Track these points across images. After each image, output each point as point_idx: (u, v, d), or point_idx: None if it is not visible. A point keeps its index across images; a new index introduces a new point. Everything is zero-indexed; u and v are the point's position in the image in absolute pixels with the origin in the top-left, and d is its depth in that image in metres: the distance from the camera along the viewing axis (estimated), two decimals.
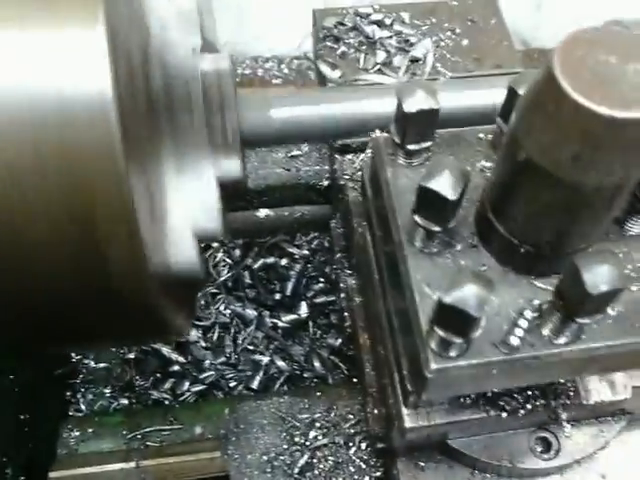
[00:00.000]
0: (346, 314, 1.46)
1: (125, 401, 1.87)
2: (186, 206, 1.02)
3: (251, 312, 1.96)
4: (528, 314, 0.93)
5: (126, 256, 0.83)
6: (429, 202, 0.89)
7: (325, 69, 1.61)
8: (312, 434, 1.48)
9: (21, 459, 1.57)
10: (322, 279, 2.02)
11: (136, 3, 0.96)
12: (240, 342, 1.93)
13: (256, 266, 2.01)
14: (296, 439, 1.48)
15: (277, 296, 2.00)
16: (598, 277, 0.79)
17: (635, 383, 1.16)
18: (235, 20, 2.55)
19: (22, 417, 1.63)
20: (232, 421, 1.54)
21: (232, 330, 1.95)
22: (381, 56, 1.61)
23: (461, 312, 0.81)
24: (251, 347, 1.92)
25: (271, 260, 2.02)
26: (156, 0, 1.02)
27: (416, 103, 0.95)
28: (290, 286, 1.98)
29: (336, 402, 1.55)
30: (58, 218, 0.78)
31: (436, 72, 1.58)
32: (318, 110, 1.22)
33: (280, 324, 1.95)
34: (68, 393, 1.88)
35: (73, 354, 1.87)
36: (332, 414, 1.52)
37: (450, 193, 0.86)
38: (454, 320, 0.83)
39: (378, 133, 1.32)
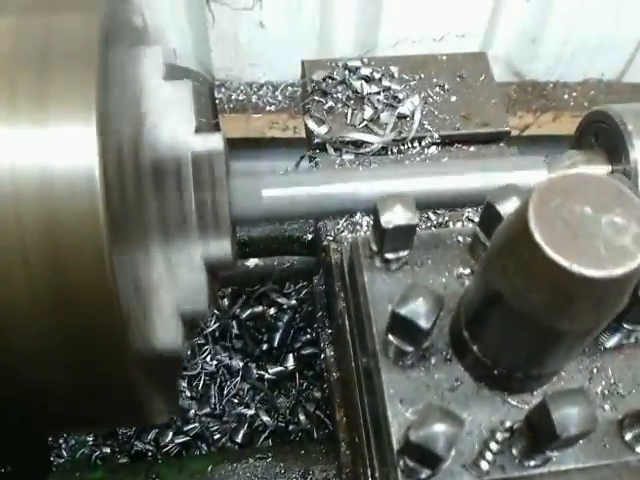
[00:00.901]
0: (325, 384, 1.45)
1: (107, 450, 1.87)
2: (172, 287, 1.01)
3: (237, 363, 1.95)
4: (499, 435, 0.92)
5: (107, 340, 0.81)
6: (402, 326, 0.88)
7: (312, 125, 1.59)
8: None
9: None
10: (310, 330, 2.01)
11: (130, 84, 0.96)
12: (225, 393, 1.92)
13: (244, 316, 2.00)
14: None
15: (264, 347, 1.99)
16: (568, 420, 0.79)
17: None
18: (231, 46, 2.54)
19: (3, 470, 1.62)
20: None
21: (218, 380, 1.94)
22: (368, 112, 1.59)
23: (429, 451, 0.80)
24: (236, 399, 1.92)
25: (259, 309, 2.01)
26: (151, 80, 1.02)
27: (394, 218, 0.95)
28: (277, 338, 1.98)
29: (312, 467, 1.53)
30: (40, 299, 0.77)
31: (423, 130, 1.57)
32: (309, 191, 1.21)
33: (266, 376, 1.94)
34: (50, 439, 1.87)
35: None
36: (308, 479, 1.51)
37: (423, 322, 0.86)
38: (422, 455, 0.83)
39: (358, 217, 1.31)
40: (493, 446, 0.91)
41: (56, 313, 0.78)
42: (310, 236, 1.77)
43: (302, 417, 1.89)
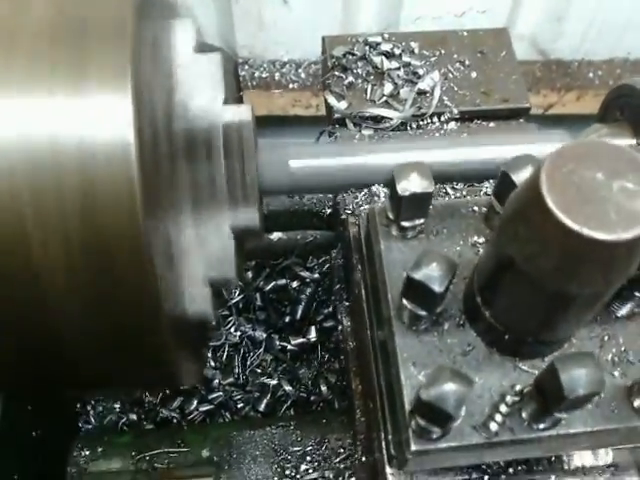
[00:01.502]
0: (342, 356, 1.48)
1: (134, 416, 1.93)
2: (202, 254, 1.05)
3: (260, 334, 1.99)
4: (509, 399, 0.94)
5: (139, 302, 0.85)
6: (416, 290, 0.91)
7: (332, 100, 1.60)
8: (303, 467, 1.51)
9: (31, 476, 1.63)
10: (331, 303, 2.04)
11: (163, 56, 0.99)
12: (249, 363, 1.97)
13: (267, 288, 2.04)
14: (287, 472, 1.51)
15: (287, 319, 2.03)
16: (576, 381, 0.82)
17: None
18: (255, 24, 2.56)
19: (34, 433, 1.69)
20: (226, 450, 1.58)
21: (241, 351, 1.99)
22: (388, 88, 1.59)
23: (439, 409, 0.83)
24: (259, 369, 1.96)
25: (282, 282, 2.05)
26: (183, 52, 1.05)
27: (410, 186, 0.97)
28: (300, 310, 2.01)
29: (328, 435, 1.57)
30: (75, 261, 0.81)
31: (443, 105, 1.57)
32: (337, 162, 1.23)
33: (289, 347, 1.98)
34: (78, 405, 1.93)
35: None
36: (323, 447, 1.55)
37: (437, 285, 0.89)
38: (433, 414, 0.86)
39: (375, 188, 1.34)
40: (503, 409, 0.94)
41: (90, 275, 0.82)
42: (329, 210, 1.79)
43: (324, 388, 1.93)
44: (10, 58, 0.80)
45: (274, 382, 1.94)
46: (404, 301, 0.95)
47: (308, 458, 1.52)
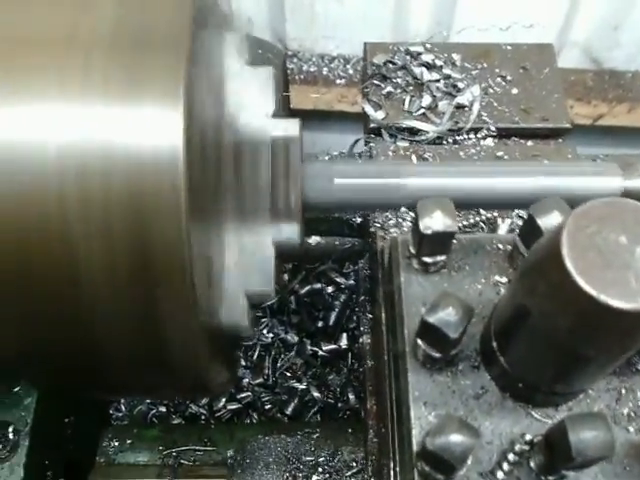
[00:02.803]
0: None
1: (163, 409, 1.96)
2: (242, 267, 1.05)
3: (293, 337, 2.00)
4: (518, 447, 0.92)
5: (178, 314, 0.86)
6: (431, 333, 0.90)
7: (368, 109, 1.59)
8: (314, 478, 1.51)
9: (61, 463, 1.68)
10: None
11: (215, 67, 0.99)
12: (279, 365, 1.98)
13: (302, 292, 2.04)
14: None
15: (320, 324, 2.03)
16: (585, 444, 0.79)
17: None
18: (306, 18, 2.54)
19: (66, 420, 1.73)
20: (240, 454, 1.60)
21: (273, 352, 2.00)
22: (427, 100, 1.57)
23: (443, 460, 0.82)
24: (289, 373, 1.98)
25: (318, 287, 2.05)
26: (235, 64, 1.06)
27: (433, 224, 0.95)
28: (334, 316, 2.01)
29: (341, 447, 1.57)
30: (118, 268, 0.82)
31: (481, 121, 1.54)
32: (380, 182, 1.20)
33: (320, 352, 1.99)
34: None
35: None
36: (336, 459, 1.54)
37: (452, 331, 0.87)
38: (437, 462, 0.85)
39: (403, 211, 1.31)
40: (511, 457, 0.92)
41: (132, 282, 0.82)
42: (359, 219, 1.77)
43: (351, 396, 1.93)
44: (67, 62, 0.81)
45: (302, 387, 1.95)
46: (419, 341, 0.94)
47: (320, 469, 1.52)
